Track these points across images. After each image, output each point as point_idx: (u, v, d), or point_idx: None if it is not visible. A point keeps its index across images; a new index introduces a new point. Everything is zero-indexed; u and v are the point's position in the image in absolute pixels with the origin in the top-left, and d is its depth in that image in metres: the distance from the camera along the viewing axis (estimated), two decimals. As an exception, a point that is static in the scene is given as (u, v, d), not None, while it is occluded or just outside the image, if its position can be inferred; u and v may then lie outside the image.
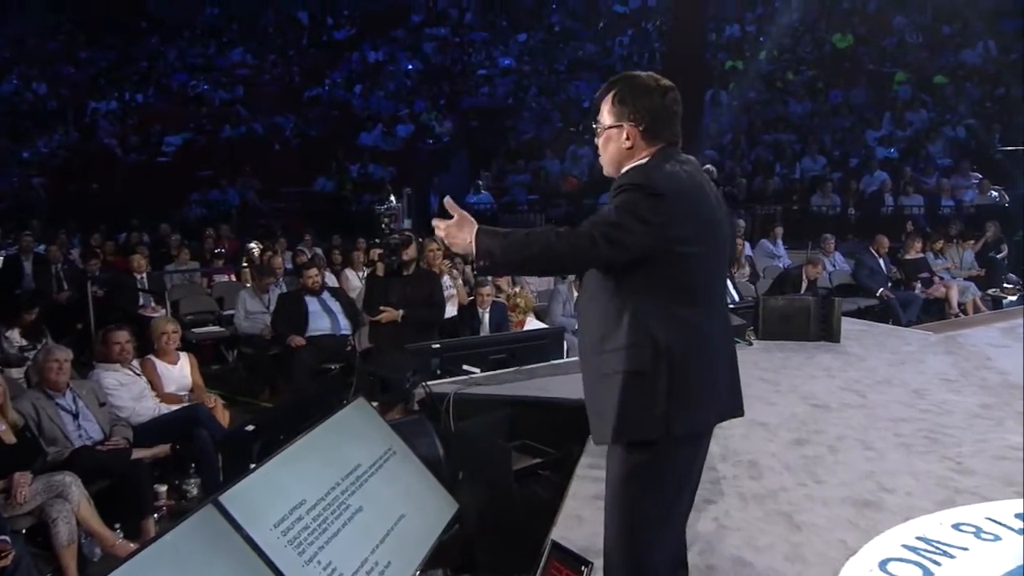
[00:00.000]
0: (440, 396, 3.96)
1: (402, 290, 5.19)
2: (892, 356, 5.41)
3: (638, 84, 2.17)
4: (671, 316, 2.05)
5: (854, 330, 6.13)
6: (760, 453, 3.62)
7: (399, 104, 17.73)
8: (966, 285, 9.59)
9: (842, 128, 14.99)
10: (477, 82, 18.49)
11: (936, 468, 3.42)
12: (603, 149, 2.22)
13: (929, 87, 15.89)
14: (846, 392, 4.58)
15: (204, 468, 4.72)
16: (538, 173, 14.56)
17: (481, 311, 6.41)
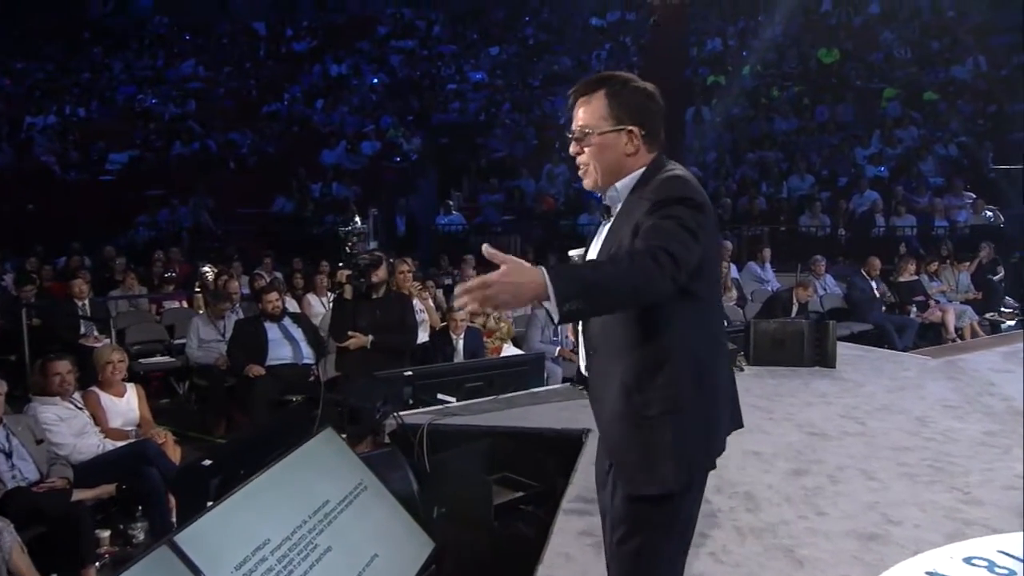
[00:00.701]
0: (413, 427, 3.93)
1: (371, 314, 5.15)
2: (891, 382, 5.46)
3: (631, 82, 2.12)
4: (703, 340, 2.04)
5: (850, 355, 6.19)
6: (756, 484, 3.61)
7: (364, 120, 17.75)
8: (963, 309, 9.76)
9: (830, 146, 15.29)
10: (447, 97, 18.59)
11: (943, 499, 3.43)
12: (595, 157, 2.11)
13: (919, 104, 16.30)
14: (845, 420, 4.60)
15: (153, 510, 4.60)
16: (512, 192, 14.62)
17: (455, 337, 6.38)
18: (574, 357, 7.00)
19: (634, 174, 2.10)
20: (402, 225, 14.38)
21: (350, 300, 5.13)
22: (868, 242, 12.26)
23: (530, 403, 4.61)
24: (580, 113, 2.15)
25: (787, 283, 10.18)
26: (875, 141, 15.13)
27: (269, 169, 16.00)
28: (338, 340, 5.16)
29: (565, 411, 4.56)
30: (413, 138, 16.74)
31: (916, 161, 14.23)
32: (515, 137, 16.71)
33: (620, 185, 2.11)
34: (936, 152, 14.53)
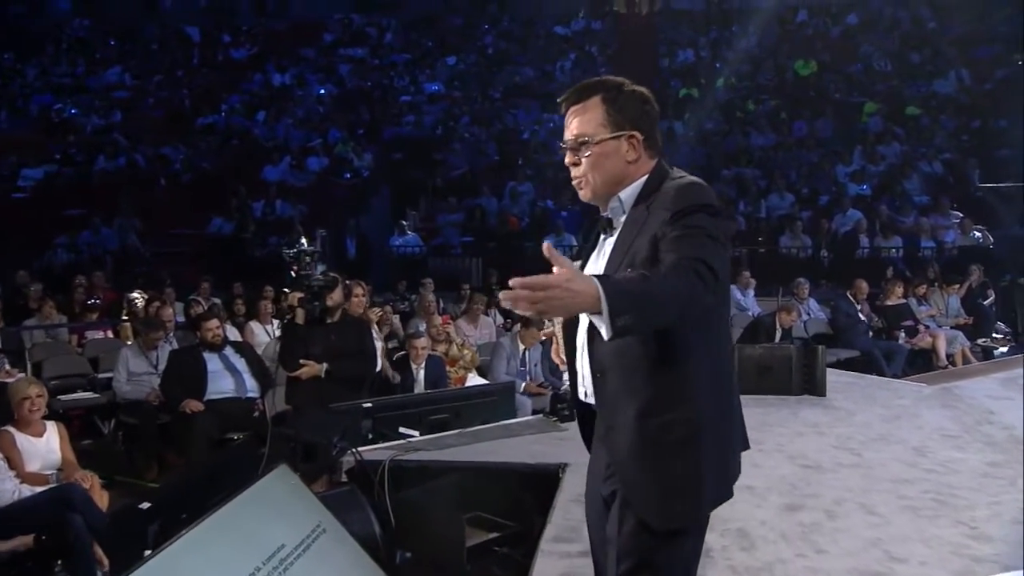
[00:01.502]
0: (373, 464, 3.89)
1: (326, 340, 5.09)
2: (885, 411, 5.54)
3: (626, 86, 2.15)
4: (720, 357, 2.09)
5: (839, 382, 6.27)
6: (749, 521, 3.61)
7: (310, 133, 17.65)
8: (954, 334, 9.97)
9: (809, 162, 15.62)
10: (401, 110, 18.63)
11: (949, 534, 3.46)
12: (595, 167, 2.12)
13: (901, 118, 16.77)
14: (839, 451, 4.65)
15: (77, 563, 4.44)
16: (473, 212, 14.65)
17: (415, 366, 6.34)
18: (543, 391, 7.02)
19: (637, 182, 2.13)
20: (352, 247, 14.29)
21: (302, 325, 5.06)
22: (852, 264, 12.49)
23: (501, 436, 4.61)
24: (574, 122, 2.16)
25: (768, 307, 10.30)
26: (856, 157, 15.49)
27: (205, 186, 15.79)
28: (289, 369, 5.09)
29: (539, 444, 4.55)
30: (364, 153, 16.71)
31: (900, 179, 14.59)
32: (475, 152, 16.77)
33: (624, 195, 2.13)
34: (920, 169, 14.92)
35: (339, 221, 14.58)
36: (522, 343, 7.27)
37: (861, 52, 19.29)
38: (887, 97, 17.47)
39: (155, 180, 16.21)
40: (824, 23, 20.47)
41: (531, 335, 7.21)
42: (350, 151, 16.65)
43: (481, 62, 20.86)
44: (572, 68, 19.77)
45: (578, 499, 3.80)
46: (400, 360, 6.49)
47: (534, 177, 15.64)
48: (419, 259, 13.56)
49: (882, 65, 18.82)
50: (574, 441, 4.69)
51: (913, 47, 19.36)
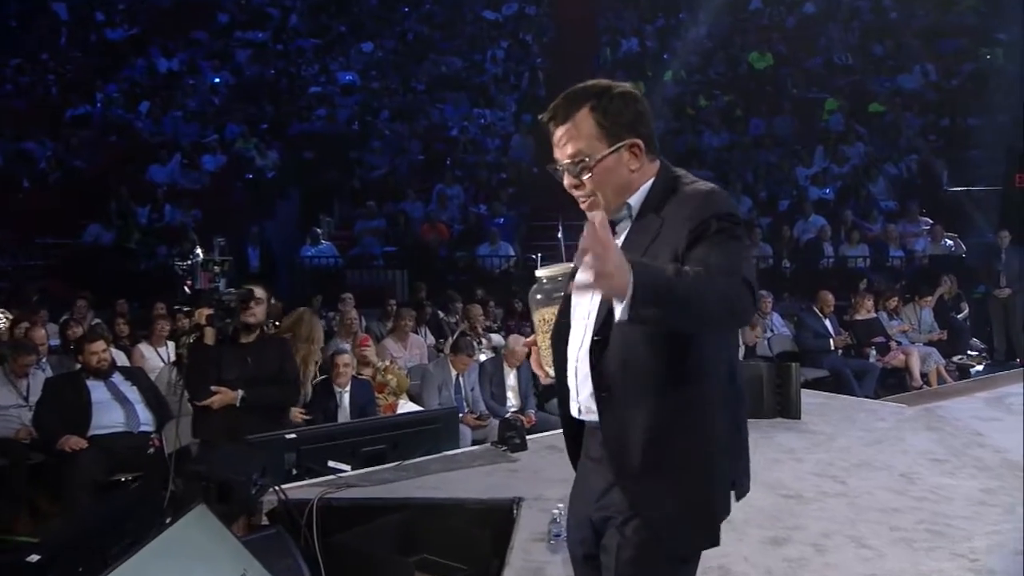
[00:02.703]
0: (299, 503, 3.85)
1: (241, 363, 4.98)
2: (865, 434, 5.66)
3: (613, 89, 2.21)
4: (731, 371, 2.20)
5: (814, 404, 6.39)
6: (731, 557, 3.63)
7: (204, 128, 17.42)
8: (927, 351, 10.29)
9: (767, 164, 16.01)
10: (310, 102, 18.49)
11: (949, 568, 3.54)
12: (600, 185, 2.19)
13: (864, 116, 17.32)
14: (820, 478, 4.72)
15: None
16: (395, 218, 14.62)
17: (339, 390, 6.25)
18: (479, 423, 6.99)
19: (644, 187, 2.21)
20: (255, 258, 14.05)
21: (213, 346, 4.93)
22: (816, 275, 12.82)
23: (446, 469, 4.57)
24: (567, 143, 2.20)
25: (727, 323, 10.45)
26: (818, 158, 15.95)
27: (78, 188, 15.41)
28: (197, 397, 4.95)
29: (490, 477, 4.53)
30: (268, 151, 16.53)
31: (865, 181, 15.07)
32: (397, 151, 16.73)
33: (633, 200, 2.22)
34: (886, 171, 15.43)
35: (240, 228, 14.32)
36: (454, 368, 7.27)
37: (820, 44, 19.88)
38: (849, 93, 18.03)
39: (17, 181, 15.73)
40: (779, 12, 21.05)
41: (462, 360, 7.20)
42: (251, 148, 16.47)
43: (401, 49, 20.84)
44: (504, 58, 19.91)
45: (538, 537, 3.79)
46: (321, 384, 6.38)
47: (464, 179, 15.66)
48: (335, 272, 13.47)
49: (842, 58, 19.42)
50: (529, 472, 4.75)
51: (875, 39, 20.02)
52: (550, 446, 5.17)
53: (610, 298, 1.95)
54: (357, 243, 14.45)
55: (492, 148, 16.93)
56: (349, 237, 14.73)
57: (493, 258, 13.67)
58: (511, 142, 16.99)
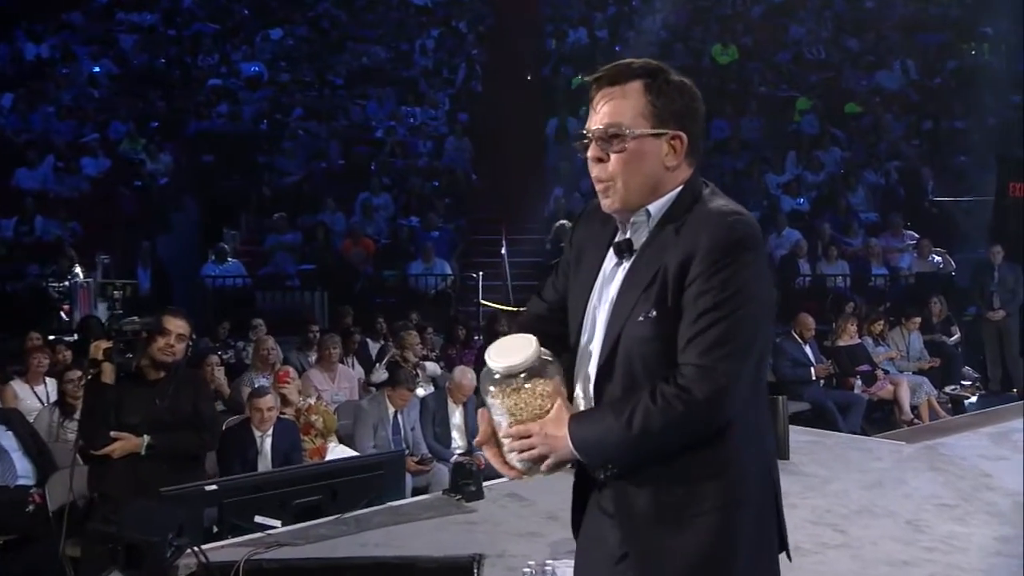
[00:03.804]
0: (223, 566, 3.78)
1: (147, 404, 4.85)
2: (863, 476, 5.72)
3: (672, 75, 2.21)
4: (759, 405, 2.20)
5: (802, 441, 6.43)
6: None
7: (82, 126, 17.09)
8: (918, 381, 10.50)
9: (733, 170, 16.23)
10: (209, 97, 18.30)
11: (969, 627, 3.58)
12: (627, 169, 2.16)
13: (840, 118, 17.74)
14: (819, 527, 4.75)
15: None
16: (313, 232, 14.51)
17: (259, 434, 6.15)
18: (422, 468, 6.95)
19: (670, 195, 2.18)
20: (146, 279, 13.82)
21: (112, 385, 4.78)
22: (792, 295, 12.99)
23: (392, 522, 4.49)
24: (607, 107, 2.17)
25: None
26: (790, 164, 16.25)
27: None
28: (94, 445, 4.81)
29: (444, 531, 4.48)
30: (160, 154, 16.28)
31: (843, 191, 15.36)
32: (313, 155, 16.62)
33: (654, 208, 2.18)
34: (866, 180, 15.78)
35: (127, 244, 14.24)
36: (391, 404, 7.22)
37: (789, 37, 20.31)
38: (822, 91, 18.46)
39: None
40: (744, 1, 21.47)
41: (401, 395, 7.15)
42: (140, 150, 16.23)
43: (316, 38, 20.74)
44: (435, 48, 19.95)
45: (505, 600, 3.76)
46: (237, 428, 6.27)
47: (393, 187, 15.60)
48: (243, 293, 13.31)
49: (815, 53, 19.88)
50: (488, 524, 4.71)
51: (850, 32, 20.54)
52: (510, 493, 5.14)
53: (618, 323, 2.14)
54: (268, 261, 14.28)
55: (424, 151, 16.90)
56: (258, 254, 14.56)
57: (427, 277, 13.62)
58: (445, 144, 16.98)
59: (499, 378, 2.16)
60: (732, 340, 2.02)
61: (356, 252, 14.03)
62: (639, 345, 2.09)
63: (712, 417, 2.04)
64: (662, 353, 2.07)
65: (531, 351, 2.14)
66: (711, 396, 2.00)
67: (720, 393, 2.01)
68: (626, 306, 2.12)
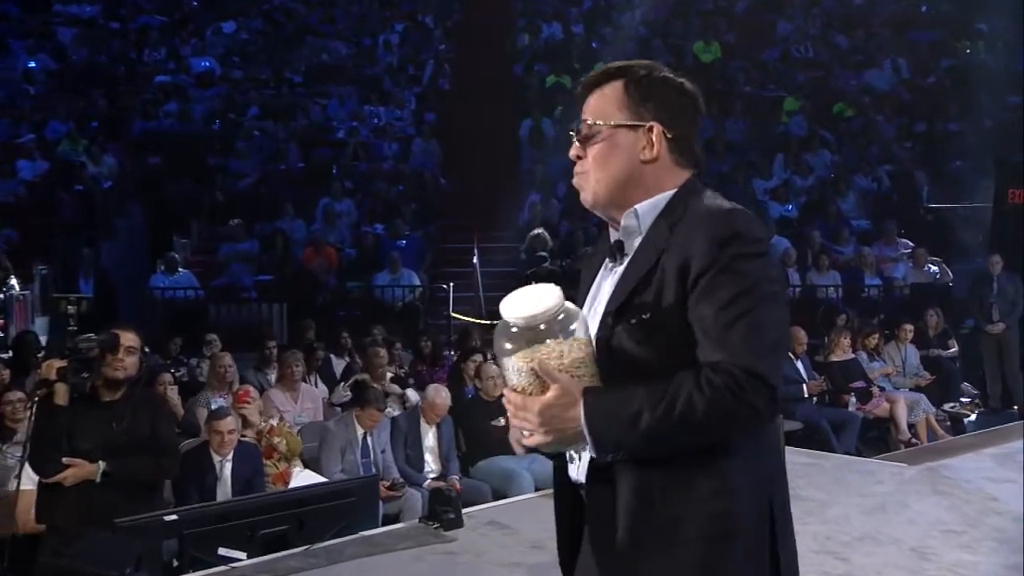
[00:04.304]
0: None
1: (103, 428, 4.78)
2: (863, 500, 5.77)
3: (659, 71, 2.27)
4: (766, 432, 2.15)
5: (798, 463, 6.48)
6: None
7: (18, 125, 16.99)
8: (915, 398, 10.56)
9: (718, 174, 16.27)
10: (156, 95, 18.17)
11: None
12: (600, 161, 2.22)
13: (829, 119, 17.90)
14: (821, 556, 4.78)
15: None
16: (271, 240, 14.43)
17: (219, 459, 6.12)
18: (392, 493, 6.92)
19: (661, 196, 2.20)
20: (89, 290, 13.70)
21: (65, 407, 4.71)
22: (781, 306, 13.05)
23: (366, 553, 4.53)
24: (588, 106, 2.28)
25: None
26: (778, 168, 16.35)
27: None
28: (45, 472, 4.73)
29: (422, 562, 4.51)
30: (103, 156, 16.20)
31: (833, 197, 15.47)
32: (270, 157, 16.56)
33: (642, 209, 2.19)
34: (857, 185, 15.90)
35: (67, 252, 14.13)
36: (360, 425, 7.18)
37: (776, 34, 20.47)
38: (811, 91, 18.62)
39: None
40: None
41: (370, 415, 7.12)
42: (81, 152, 16.14)
43: (272, 31, 20.73)
44: (400, 44, 19.96)
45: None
46: (195, 452, 6.21)
47: (356, 192, 15.55)
48: (195, 307, 13.20)
49: (802, 50, 20.06)
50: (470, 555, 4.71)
51: (839, 29, 20.73)
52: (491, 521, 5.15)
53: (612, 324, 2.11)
54: (222, 271, 14.18)
55: (389, 154, 16.85)
56: (212, 264, 14.46)
57: (394, 289, 13.56)
58: (412, 147, 16.97)
59: (516, 332, 2.06)
60: (763, 335, 2.01)
61: (317, 262, 13.95)
62: (632, 348, 2.08)
63: (758, 417, 2.01)
64: (655, 357, 2.06)
65: (554, 300, 2.05)
66: (764, 396, 1.97)
67: (771, 393, 1.98)
68: (619, 311, 2.11)
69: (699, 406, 1.95)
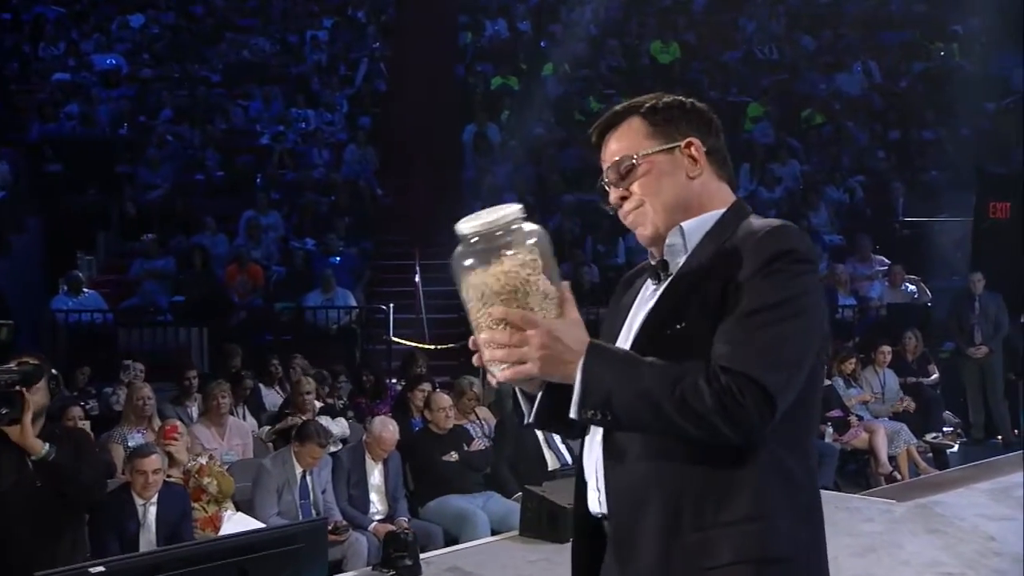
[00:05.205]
0: None
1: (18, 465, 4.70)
2: (853, 539, 5.80)
3: (665, 97, 2.41)
4: (802, 446, 2.22)
5: (780, 501, 6.51)
6: None
7: None
8: (896, 428, 10.67)
9: (679, 186, 16.43)
10: (55, 95, 17.94)
11: None
12: (650, 191, 2.32)
13: (796, 126, 18.11)
14: (810, 603, 4.79)
15: None
16: (188, 257, 14.27)
17: (142, 502, 6.03)
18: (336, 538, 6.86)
19: (709, 215, 2.30)
20: (-19, 309, 13.46)
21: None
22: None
23: (318, 607, 4.41)
24: (611, 147, 2.39)
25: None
26: (743, 179, 16.42)
27: None
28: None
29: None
30: (-6, 162, 15.89)
31: (803, 210, 15.61)
32: (185, 165, 16.41)
33: (688, 227, 2.29)
34: (828, 197, 16.09)
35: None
36: (298, 463, 7.13)
37: (738, 34, 20.67)
38: (776, 96, 18.82)
39: None
40: (686, -8, 21.81)
41: (310, 452, 7.06)
42: (-32, 159, 15.80)
43: (186, 26, 20.55)
44: (329, 41, 19.82)
45: None
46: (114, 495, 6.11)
47: (284, 204, 15.43)
48: (103, 331, 13.02)
49: (766, 52, 20.25)
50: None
51: (805, 29, 20.97)
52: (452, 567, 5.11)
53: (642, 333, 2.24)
54: (133, 292, 14.05)
55: (319, 162, 16.78)
56: (121, 283, 14.34)
57: (328, 311, 13.49)
58: (345, 154, 16.88)
59: (475, 245, 2.07)
60: (780, 350, 2.08)
61: (241, 281, 13.83)
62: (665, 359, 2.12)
63: (750, 431, 2.05)
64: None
65: (512, 209, 2.10)
66: (763, 410, 2.03)
67: (771, 409, 2.04)
68: (654, 324, 2.22)
69: (703, 395, 2.01)
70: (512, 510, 7.23)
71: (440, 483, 7.57)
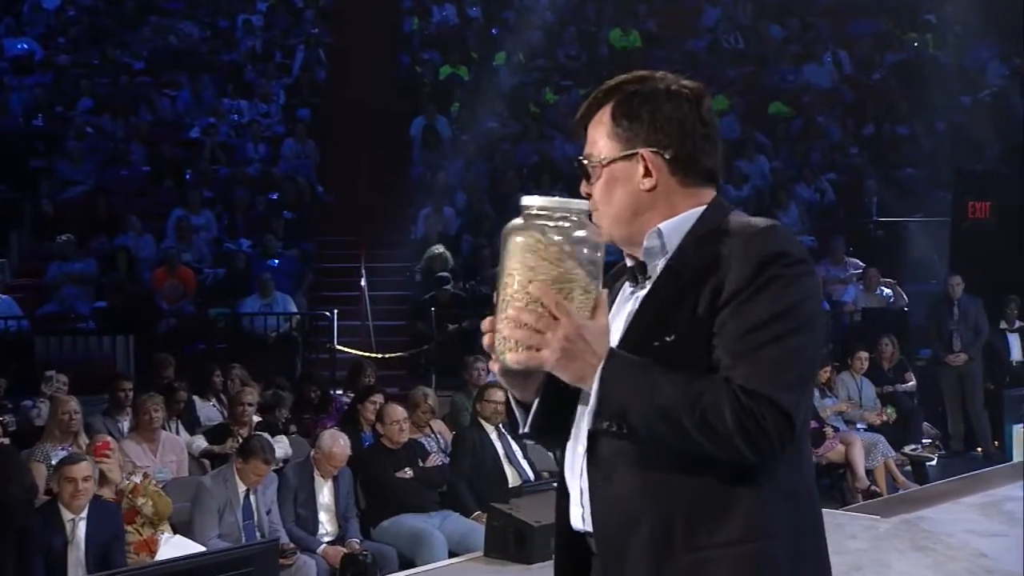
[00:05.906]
0: None
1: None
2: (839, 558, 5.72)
3: (651, 82, 2.37)
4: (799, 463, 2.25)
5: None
6: None
7: None
8: (873, 439, 10.79)
9: (639, 185, 16.50)
10: (-39, 85, 17.81)
11: None
12: (602, 197, 2.34)
13: (764, 120, 18.31)
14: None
15: None
16: (111, 259, 14.15)
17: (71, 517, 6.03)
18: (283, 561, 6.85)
19: (689, 213, 2.31)
20: None
21: None
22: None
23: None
24: (588, 139, 2.43)
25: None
26: (710, 176, 16.57)
27: None
28: None
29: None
30: None
31: (772, 208, 15.68)
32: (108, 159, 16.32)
33: (666, 228, 2.31)
34: (798, 196, 16.22)
35: None
36: (242, 481, 7.11)
37: (702, 22, 20.82)
38: (743, 88, 19.01)
39: None
40: (647, -24, 21.89)
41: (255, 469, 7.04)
42: None
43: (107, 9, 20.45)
44: (264, 26, 19.76)
45: None
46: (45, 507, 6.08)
47: (216, 202, 15.37)
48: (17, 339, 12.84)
49: (732, 41, 20.40)
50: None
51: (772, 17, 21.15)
52: (413, 592, 5.10)
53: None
54: (51, 297, 13.87)
55: (255, 156, 16.71)
56: (38, 288, 14.18)
57: (266, 317, 13.39)
58: (282, 148, 16.85)
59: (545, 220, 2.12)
60: (792, 366, 2.11)
61: (170, 285, 13.69)
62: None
63: (771, 454, 2.08)
64: None
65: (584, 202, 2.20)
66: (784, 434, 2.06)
67: (791, 432, 2.07)
68: (639, 333, 2.22)
69: (724, 416, 2.03)
70: (471, 529, 7.27)
71: (394, 501, 7.58)
